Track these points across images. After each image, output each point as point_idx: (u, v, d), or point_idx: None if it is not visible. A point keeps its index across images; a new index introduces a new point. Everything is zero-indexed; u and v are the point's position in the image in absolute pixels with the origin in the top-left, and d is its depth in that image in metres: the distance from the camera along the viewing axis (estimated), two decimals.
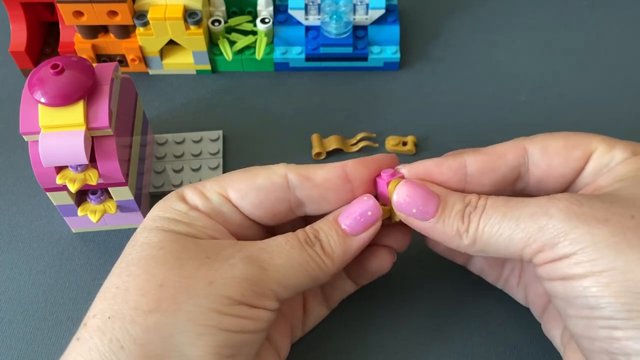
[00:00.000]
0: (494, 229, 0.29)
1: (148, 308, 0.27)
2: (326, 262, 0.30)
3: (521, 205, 0.28)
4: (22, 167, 0.44)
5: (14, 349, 0.36)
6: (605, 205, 0.27)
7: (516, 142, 0.31)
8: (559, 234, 0.27)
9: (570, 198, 0.28)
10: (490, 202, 0.29)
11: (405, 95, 0.48)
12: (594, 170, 0.30)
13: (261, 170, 0.32)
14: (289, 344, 0.34)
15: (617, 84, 0.48)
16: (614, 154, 0.30)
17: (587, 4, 0.53)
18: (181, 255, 0.28)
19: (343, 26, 0.46)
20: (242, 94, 0.48)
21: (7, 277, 0.39)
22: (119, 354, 0.26)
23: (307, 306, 0.35)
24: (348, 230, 0.31)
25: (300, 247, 0.30)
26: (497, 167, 0.31)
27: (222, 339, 0.27)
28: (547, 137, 0.31)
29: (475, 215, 0.29)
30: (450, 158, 0.31)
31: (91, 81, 0.34)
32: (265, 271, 0.29)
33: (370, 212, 0.31)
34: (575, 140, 0.31)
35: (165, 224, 0.30)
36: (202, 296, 0.27)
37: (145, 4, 0.45)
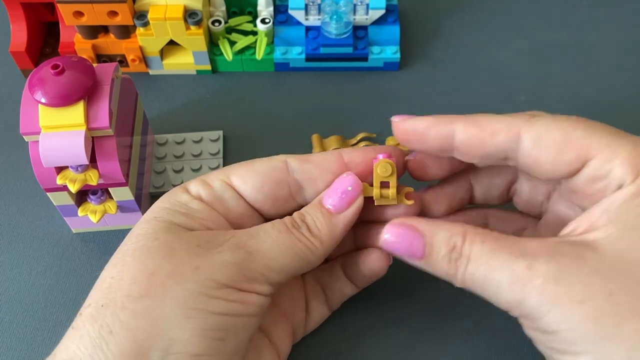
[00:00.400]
0: (479, 284, 0.28)
1: (138, 295, 0.27)
2: (314, 242, 0.31)
3: (502, 266, 0.27)
4: (22, 167, 0.44)
5: (14, 349, 0.36)
6: (584, 281, 0.25)
7: (514, 121, 0.29)
8: (536, 313, 0.26)
9: (547, 273, 0.26)
10: (475, 252, 0.28)
11: (405, 95, 0.48)
12: (589, 178, 0.28)
13: (262, 159, 0.33)
14: (290, 345, 0.34)
15: (617, 83, 0.48)
16: (612, 167, 0.27)
17: (587, 4, 0.53)
18: (174, 245, 0.29)
19: (343, 26, 0.46)
20: (242, 94, 0.48)
21: (7, 277, 0.39)
22: (108, 338, 0.26)
23: (309, 307, 0.35)
24: (332, 210, 0.31)
25: (287, 231, 0.30)
26: (484, 144, 0.30)
27: (210, 321, 0.27)
28: (547, 125, 0.29)
29: (461, 265, 0.28)
30: (442, 123, 0.30)
31: (91, 81, 0.34)
32: (252, 255, 0.29)
33: (350, 187, 0.31)
34: (574, 139, 0.28)
35: (164, 215, 0.31)
36: (190, 281, 0.28)
37: (145, 4, 0.45)
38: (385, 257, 0.34)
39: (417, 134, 0.31)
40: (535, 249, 0.27)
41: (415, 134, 0.31)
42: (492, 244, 0.28)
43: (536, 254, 0.26)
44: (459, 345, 0.36)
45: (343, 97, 0.48)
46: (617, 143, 0.28)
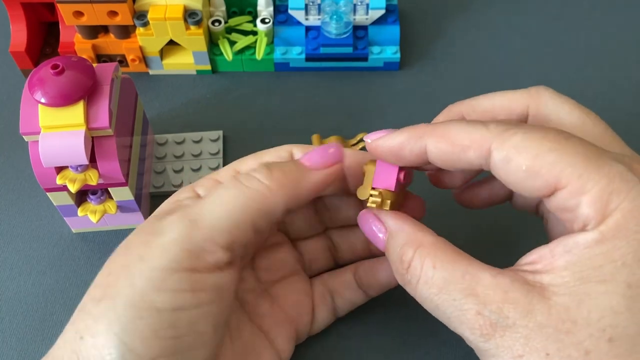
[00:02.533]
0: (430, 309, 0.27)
1: (98, 298, 0.27)
2: (270, 185, 0.28)
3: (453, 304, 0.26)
4: (22, 167, 0.44)
5: (15, 349, 0.36)
6: (527, 337, 0.25)
7: (485, 135, 0.27)
8: (481, 355, 0.26)
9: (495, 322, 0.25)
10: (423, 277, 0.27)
11: (405, 95, 0.48)
12: (558, 206, 0.26)
13: (268, 150, 0.32)
14: (292, 348, 0.34)
15: (617, 83, 0.48)
16: (579, 203, 0.25)
17: (588, 3, 0.53)
18: (130, 240, 0.28)
19: (343, 26, 0.46)
20: (242, 94, 0.48)
21: (7, 277, 0.39)
22: (80, 344, 0.26)
23: (315, 313, 0.35)
24: (306, 162, 0.30)
25: (235, 182, 0.28)
26: (456, 159, 0.28)
27: (159, 320, 0.26)
28: (518, 145, 0.26)
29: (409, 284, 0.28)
30: (412, 140, 0.28)
31: (91, 81, 0.34)
32: (195, 223, 0.27)
33: (332, 149, 0.30)
34: (543, 165, 0.25)
35: (161, 214, 0.30)
36: (136, 275, 0.26)
37: (145, 4, 0.45)
38: None
39: (391, 152, 0.29)
40: (488, 289, 0.26)
41: (390, 152, 0.29)
42: (444, 273, 0.27)
43: (487, 298, 0.25)
44: (460, 346, 0.36)
45: (343, 97, 0.48)
46: (590, 175, 0.25)
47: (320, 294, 0.35)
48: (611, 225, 0.24)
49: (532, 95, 0.31)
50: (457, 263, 0.27)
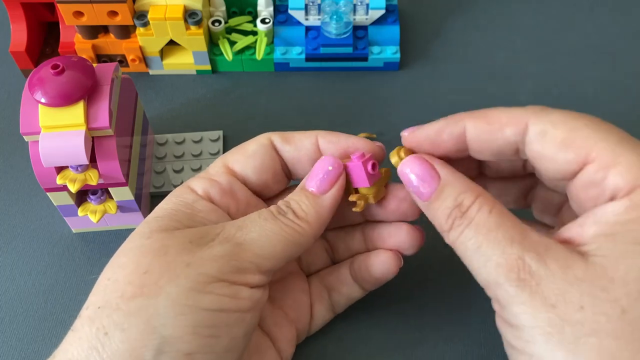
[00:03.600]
0: (469, 251, 0.28)
1: (132, 294, 0.27)
2: (301, 225, 0.31)
3: (498, 245, 0.27)
4: (22, 167, 0.44)
5: (15, 349, 0.36)
6: (562, 288, 0.25)
7: (522, 113, 0.29)
8: (508, 301, 0.26)
9: (533, 270, 0.26)
10: (478, 219, 0.28)
11: (405, 95, 0.48)
12: (584, 183, 0.27)
13: (249, 141, 0.34)
14: (293, 347, 0.34)
15: (617, 83, 0.48)
16: (608, 175, 0.26)
17: (588, 3, 0.53)
18: (166, 243, 0.29)
19: (343, 26, 0.46)
20: (242, 94, 0.48)
21: (7, 277, 0.39)
22: (104, 340, 0.26)
23: (313, 311, 0.35)
24: (316, 191, 0.31)
25: (273, 218, 0.31)
26: (494, 138, 0.29)
27: (201, 318, 0.27)
28: (554, 119, 0.28)
29: (459, 226, 0.28)
30: (451, 124, 0.30)
31: (91, 81, 0.34)
32: (241, 246, 0.29)
33: (331, 167, 0.32)
34: (576, 138, 0.27)
35: (166, 214, 0.31)
36: (181, 277, 0.28)
37: (145, 4, 0.45)
38: (396, 259, 0.34)
39: (429, 140, 0.31)
40: (533, 242, 0.27)
41: (428, 141, 0.31)
42: (498, 219, 0.28)
43: (532, 248, 0.26)
44: (461, 345, 0.36)
45: (343, 97, 0.48)
46: (621, 150, 0.26)
47: (317, 292, 0.35)
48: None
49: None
50: (509, 215, 0.28)
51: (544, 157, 0.28)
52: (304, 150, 0.33)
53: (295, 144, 0.33)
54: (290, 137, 0.33)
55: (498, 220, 0.28)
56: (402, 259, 0.34)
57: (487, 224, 0.28)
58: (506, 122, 0.29)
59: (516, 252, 0.26)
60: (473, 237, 0.28)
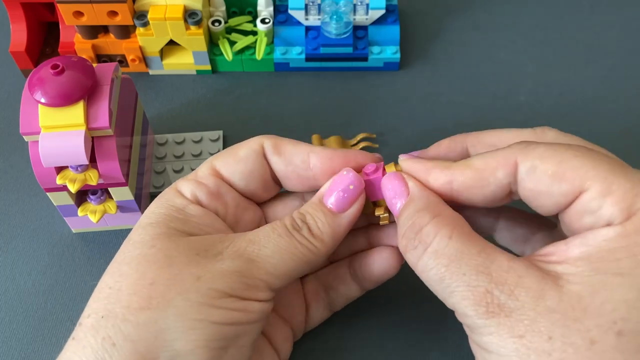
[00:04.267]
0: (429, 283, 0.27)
1: (139, 306, 0.27)
2: (316, 244, 0.30)
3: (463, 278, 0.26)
4: (22, 167, 0.44)
5: (15, 349, 0.36)
6: (532, 318, 0.24)
7: (509, 152, 0.28)
8: (477, 333, 0.26)
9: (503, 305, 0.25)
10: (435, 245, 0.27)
11: (405, 95, 0.48)
12: (579, 211, 0.26)
13: (241, 144, 0.33)
14: (291, 346, 0.34)
15: (617, 84, 0.48)
16: (603, 204, 0.25)
17: (588, 4, 0.53)
18: (171, 253, 0.29)
19: (343, 26, 0.46)
20: (242, 94, 0.48)
21: (7, 277, 0.39)
22: (111, 351, 0.26)
23: (309, 310, 0.35)
24: (335, 209, 0.31)
25: (288, 234, 0.30)
26: (485, 185, 0.28)
27: (212, 332, 0.27)
28: (542, 153, 0.27)
29: (413, 249, 0.28)
30: (439, 168, 0.29)
31: (91, 81, 0.34)
32: (253, 262, 0.29)
33: (352, 186, 0.31)
34: (569, 169, 0.26)
35: (160, 220, 0.30)
36: (192, 291, 0.27)
37: (145, 4, 0.45)
38: (397, 256, 0.33)
39: (418, 174, 0.30)
40: (502, 271, 0.26)
41: (417, 175, 0.30)
42: (460, 246, 0.27)
43: (500, 279, 0.25)
44: (460, 345, 0.36)
45: (343, 97, 0.48)
46: (614, 178, 0.25)
47: (313, 291, 0.35)
48: (635, 222, 0.25)
49: (538, 134, 0.31)
50: (474, 240, 0.27)
51: (539, 192, 0.27)
52: (292, 167, 0.32)
53: (285, 158, 0.32)
54: (282, 147, 0.32)
55: (460, 247, 0.27)
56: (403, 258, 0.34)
57: (448, 253, 0.27)
58: (495, 166, 0.28)
59: (483, 285, 0.25)
60: (434, 267, 0.27)
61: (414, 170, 0.30)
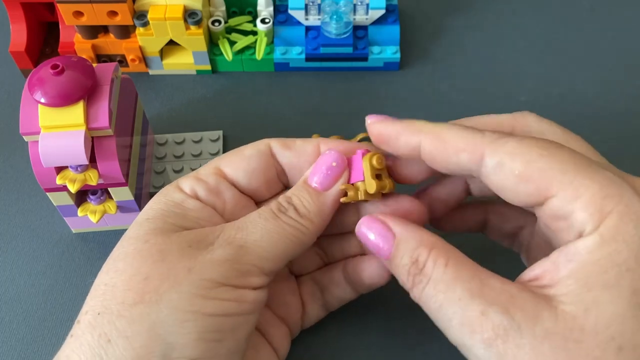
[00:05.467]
0: (432, 311, 0.27)
1: (133, 301, 0.27)
2: (304, 223, 0.30)
3: (458, 303, 0.26)
4: (22, 167, 0.44)
5: (14, 349, 0.36)
6: (533, 345, 0.24)
7: (479, 141, 0.28)
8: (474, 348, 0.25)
9: (499, 327, 0.25)
10: (435, 275, 0.27)
11: (405, 95, 0.48)
12: (551, 215, 0.26)
13: (247, 145, 0.33)
14: (288, 343, 0.34)
15: (617, 84, 0.48)
16: (573, 210, 0.25)
17: (588, 4, 0.53)
18: (164, 248, 0.29)
19: (343, 26, 0.46)
20: (242, 94, 0.48)
21: (7, 277, 0.39)
22: (107, 347, 0.26)
23: (306, 309, 0.35)
24: (319, 187, 0.31)
25: (274, 217, 0.30)
26: (447, 160, 0.29)
27: (206, 324, 0.27)
28: (511, 151, 0.27)
29: (419, 284, 0.28)
30: (409, 133, 0.30)
31: (91, 81, 0.34)
32: (243, 248, 0.29)
33: (335, 163, 0.31)
34: (534, 170, 0.26)
35: (157, 215, 0.30)
36: (184, 284, 0.27)
37: (145, 4, 0.45)
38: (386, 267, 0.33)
39: (387, 138, 0.31)
40: (495, 292, 0.26)
41: (385, 138, 0.31)
42: (454, 272, 0.27)
43: (494, 299, 0.25)
44: None
45: (343, 97, 0.48)
46: (582, 181, 0.25)
47: (309, 291, 0.35)
48: (610, 227, 0.24)
49: (517, 119, 0.32)
50: (467, 265, 0.27)
51: (505, 188, 0.27)
52: (305, 156, 0.33)
53: (296, 150, 0.33)
54: (291, 142, 0.33)
55: (455, 274, 0.27)
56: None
57: (444, 280, 0.27)
58: (462, 148, 0.28)
59: (477, 308, 0.25)
60: (433, 295, 0.27)
61: (384, 133, 0.30)
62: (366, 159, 0.31)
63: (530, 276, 0.26)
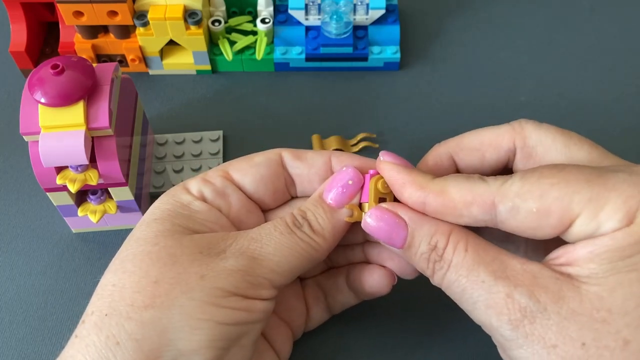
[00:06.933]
0: (456, 295, 0.27)
1: (143, 304, 0.27)
2: (317, 240, 0.30)
3: (482, 286, 0.26)
4: (22, 167, 0.44)
5: (14, 349, 0.36)
6: (560, 325, 0.24)
7: (486, 190, 0.27)
8: (508, 344, 0.26)
9: (525, 309, 0.25)
10: (456, 261, 0.27)
11: (405, 95, 0.48)
12: (578, 236, 0.26)
13: (259, 153, 0.33)
14: (290, 346, 0.34)
15: (617, 84, 0.48)
16: (599, 222, 0.25)
17: (588, 4, 0.53)
18: (175, 252, 0.28)
19: (343, 26, 0.46)
20: (242, 94, 0.48)
21: (7, 277, 0.39)
22: (115, 349, 0.26)
23: (310, 313, 0.35)
24: (334, 204, 0.31)
25: (289, 232, 0.30)
26: (459, 215, 0.28)
27: (216, 332, 0.27)
28: (520, 192, 0.26)
29: (440, 269, 0.28)
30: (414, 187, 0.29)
31: (91, 81, 0.34)
32: (256, 261, 0.29)
33: (351, 181, 0.31)
34: (551, 203, 0.26)
35: (165, 216, 0.30)
36: (196, 290, 0.27)
37: (145, 4, 0.45)
38: (389, 277, 0.33)
39: (393, 184, 0.30)
40: (517, 274, 0.26)
41: (392, 183, 0.30)
42: (475, 256, 0.27)
43: (518, 281, 0.25)
44: (461, 345, 0.36)
45: (343, 97, 0.48)
46: (599, 194, 0.25)
47: (314, 295, 0.35)
48: (637, 221, 0.24)
49: (516, 129, 0.31)
50: (487, 248, 0.27)
51: (527, 228, 0.27)
52: (316, 168, 0.32)
53: (307, 162, 0.33)
54: (302, 154, 0.33)
55: (475, 257, 0.27)
56: (397, 278, 0.33)
57: (466, 264, 0.27)
58: (471, 202, 0.27)
59: (502, 290, 0.26)
60: (455, 280, 0.27)
61: (390, 179, 0.30)
62: (372, 181, 0.31)
63: (551, 257, 0.27)
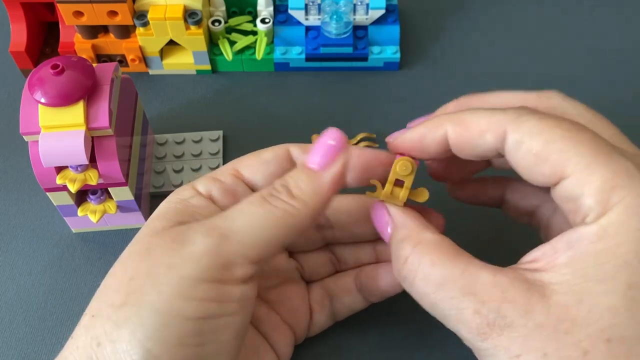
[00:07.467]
0: (427, 306, 0.28)
1: (119, 303, 0.26)
2: (295, 205, 0.28)
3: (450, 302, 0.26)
4: (22, 167, 0.44)
5: (15, 349, 0.36)
6: (525, 336, 0.24)
7: (502, 118, 0.27)
8: (476, 351, 0.26)
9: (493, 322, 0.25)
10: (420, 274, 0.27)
11: (405, 95, 0.48)
12: (563, 195, 0.26)
13: (266, 149, 0.32)
14: (291, 349, 0.34)
15: (617, 84, 0.48)
16: (582, 193, 0.25)
17: (588, 3, 0.53)
18: (150, 245, 0.28)
19: (343, 26, 0.46)
20: (242, 94, 0.48)
21: (7, 277, 0.39)
22: (97, 351, 0.26)
23: (313, 318, 0.35)
24: (316, 167, 0.29)
25: (262, 201, 0.28)
26: (475, 145, 0.28)
27: (186, 328, 0.26)
28: (532, 128, 0.26)
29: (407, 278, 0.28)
30: (432, 129, 0.29)
31: (91, 81, 0.34)
32: (226, 237, 0.27)
33: (332, 141, 0.30)
34: (552, 151, 0.26)
35: (162, 214, 0.30)
36: (164, 283, 0.26)
37: (145, 4, 0.45)
38: None
39: (413, 144, 0.30)
40: (486, 288, 0.26)
41: (412, 145, 0.30)
42: (442, 269, 0.27)
43: (486, 297, 0.25)
44: (460, 346, 0.36)
45: (343, 97, 0.48)
46: (595, 166, 0.25)
47: (319, 299, 0.35)
48: (613, 219, 0.24)
49: (542, 98, 0.31)
50: (456, 261, 0.27)
51: (522, 166, 0.27)
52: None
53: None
54: (310, 146, 0.32)
55: (443, 272, 0.27)
56: None
57: (433, 279, 0.27)
58: (485, 129, 0.28)
59: (471, 306, 0.26)
60: (425, 294, 0.27)
61: (407, 141, 0.30)
62: (394, 163, 0.30)
63: (529, 258, 0.27)
